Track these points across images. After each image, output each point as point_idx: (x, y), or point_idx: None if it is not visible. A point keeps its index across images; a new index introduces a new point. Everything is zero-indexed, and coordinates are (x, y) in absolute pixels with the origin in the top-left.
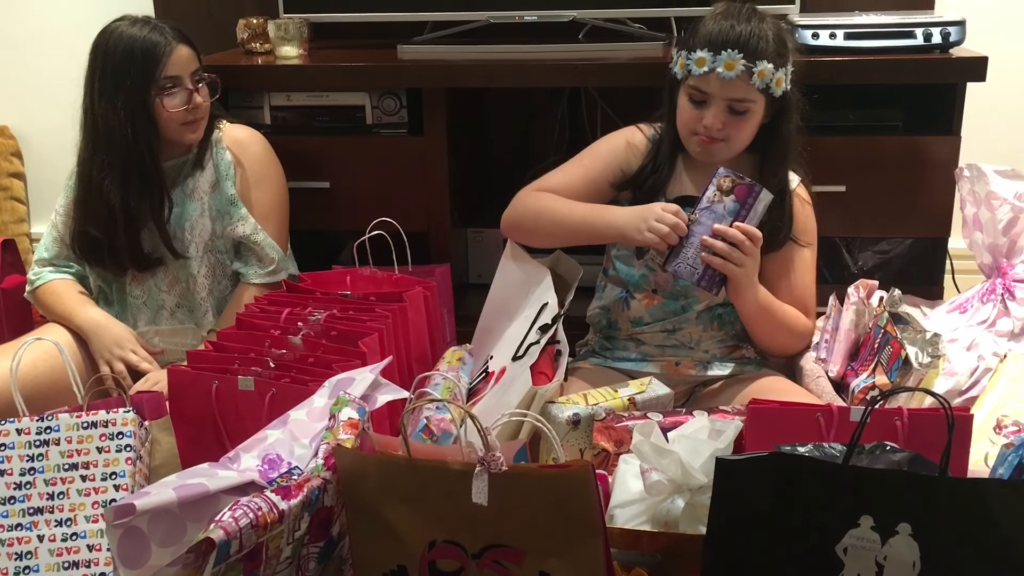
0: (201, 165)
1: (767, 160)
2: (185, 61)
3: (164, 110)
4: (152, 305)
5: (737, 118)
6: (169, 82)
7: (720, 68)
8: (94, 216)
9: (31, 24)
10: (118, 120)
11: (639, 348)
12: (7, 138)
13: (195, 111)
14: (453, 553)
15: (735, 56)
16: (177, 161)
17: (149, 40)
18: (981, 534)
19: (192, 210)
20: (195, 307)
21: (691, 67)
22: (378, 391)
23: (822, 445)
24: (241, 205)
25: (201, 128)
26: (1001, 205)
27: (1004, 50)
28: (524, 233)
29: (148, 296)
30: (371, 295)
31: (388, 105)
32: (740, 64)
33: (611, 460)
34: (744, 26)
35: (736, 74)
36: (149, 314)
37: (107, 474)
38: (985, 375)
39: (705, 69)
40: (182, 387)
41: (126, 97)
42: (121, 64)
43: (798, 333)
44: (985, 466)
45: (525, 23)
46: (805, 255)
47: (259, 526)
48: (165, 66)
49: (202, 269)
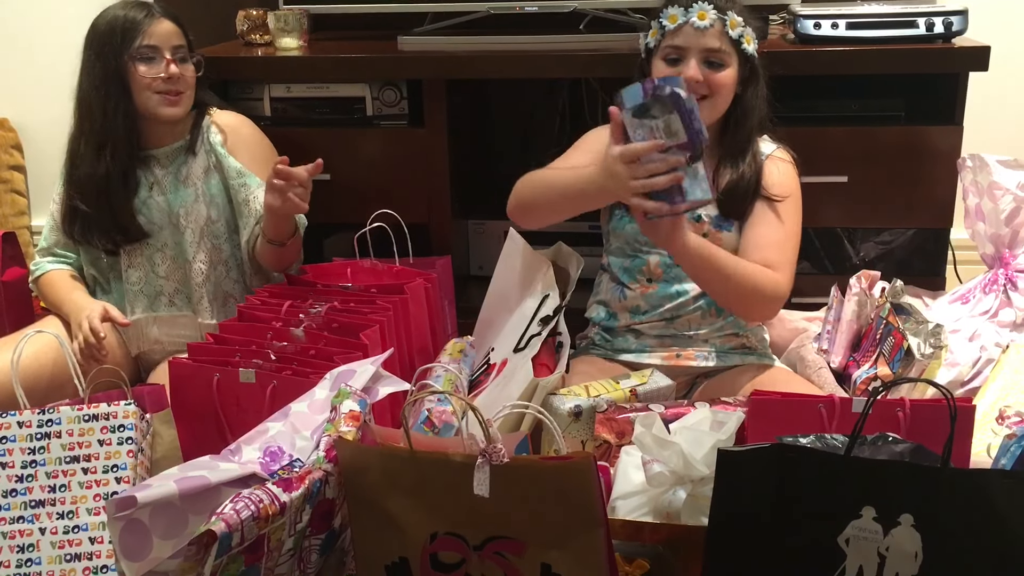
0: (193, 151)
1: (731, 124)
2: (166, 34)
3: (138, 76)
4: (149, 291)
5: (716, 73)
6: (147, 50)
7: (693, 18)
8: (80, 189)
9: (31, 17)
10: (95, 90)
11: (639, 339)
12: (7, 131)
13: (171, 82)
14: (455, 545)
15: (706, 7)
16: (170, 147)
17: (131, 15)
18: (983, 525)
19: (186, 196)
20: (191, 293)
21: (665, 25)
22: (379, 383)
23: (824, 436)
24: (254, 176)
25: (181, 104)
26: (1004, 195)
27: (1006, 39)
28: (526, 210)
29: (145, 282)
30: (372, 287)
31: (388, 96)
32: (712, 13)
33: (613, 451)
34: None
35: (710, 22)
36: (146, 301)
37: (108, 467)
38: (987, 366)
39: (679, 22)
40: (183, 379)
41: (103, 65)
42: (102, 37)
43: (761, 291)
44: (987, 457)
45: (526, 13)
46: (777, 208)
47: (261, 518)
48: (144, 35)
49: (199, 255)
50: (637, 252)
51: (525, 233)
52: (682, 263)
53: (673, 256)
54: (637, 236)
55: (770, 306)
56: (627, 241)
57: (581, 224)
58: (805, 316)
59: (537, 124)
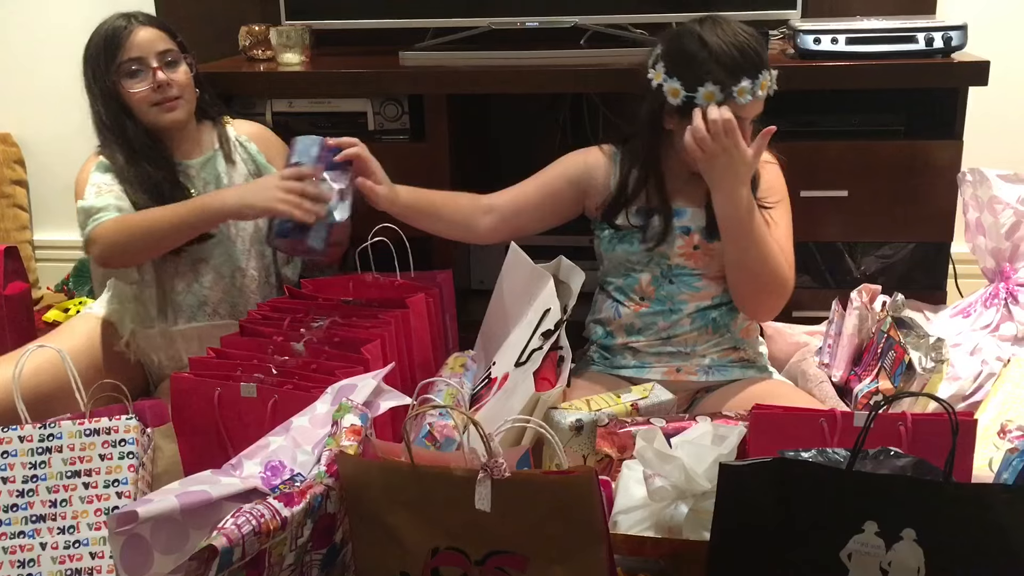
0: (231, 160)
1: None
2: (147, 42)
3: (128, 92)
4: (193, 301)
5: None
6: (132, 64)
7: (759, 91)
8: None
9: (33, 32)
10: (102, 108)
11: (636, 356)
12: (9, 145)
13: (162, 90)
14: (456, 560)
15: (768, 76)
16: (202, 159)
17: (113, 26)
18: (985, 539)
19: None
20: (237, 302)
21: (735, 98)
22: (381, 397)
23: (826, 450)
24: None
25: (179, 108)
26: (1004, 209)
27: (1006, 54)
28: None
29: (189, 291)
30: (373, 301)
31: (390, 111)
32: (770, 80)
33: (614, 466)
34: (752, 41)
35: (767, 91)
36: (189, 312)
37: (110, 481)
38: (989, 380)
39: (748, 98)
40: (185, 394)
41: (99, 86)
42: (93, 57)
43: (779, 276)
44: (989, 471)
45: (527, 29)
46: (775, 215)
47: (262, 533)
48: (125, 48)
49: (251, 263)
50: (629, 271)
51: (526, 247)
52: (727, 212)
53: (719, 203)
54: (628, 256)
55: (780, 297)
56: (619, 261)
57: (582, 238)
58: (806, 330)
59: (538, 139)
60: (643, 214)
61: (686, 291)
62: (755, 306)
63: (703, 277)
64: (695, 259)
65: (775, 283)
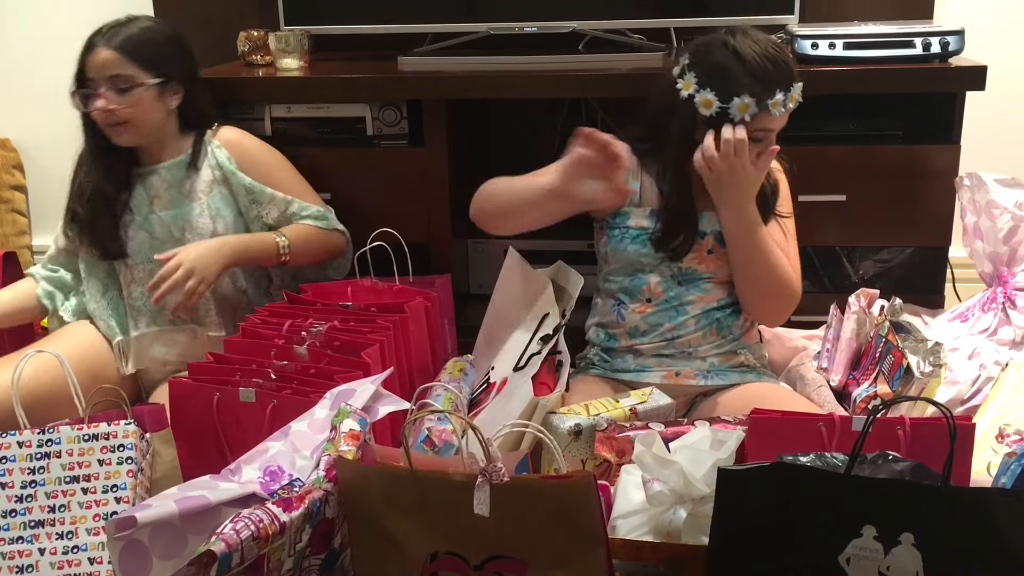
0: (196, 167)
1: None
2: (101, 64)
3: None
4: (151, 307)
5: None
6: (84, 84)
7: (790, 103)
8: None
9: (33, 37)
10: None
11: (638, 359)
12: (8, 151)
13: (106, 115)
14: (455, 565)
15: (798, 88)
16: (172, 161)
17: (88, 39)
18: (984, 543)
19: (190, 210)
20: (196, 306)
21: (769, 110)
22: (379, 402)
23: (824, 455)
24: (264, 187)
25: (125, 134)
26: (1001, 214)
27: (1003, 59)
28: (487, 216)
29: (147, 298)
30: (372, 306)
31: (389, 116)
32: (799, 92)
33: (613, 470)
34: (782, 53)
35: (798, 102)
36: (148, 316)
37: (108, 486)
38: (987, 384)
39: (781, 110)
40: (183, 399)
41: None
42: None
43: (788, 286)
44: (988, 475)
45: (525, 34)
46: (788, 225)
47: (260, 538)
48: (84, 67)
49: None
50: (637, 272)
51: (524, 252)
52: (732, 227)
53: (726, 217)
54: (639, 257)
55: (788, 303)
56: (628, 262)
57: (580, 243)
58: (804, 334)
59: (537, 144)
60: (656, 216)
61: (695, 293)
62: (762, 312)
63: (712, 280)
64: (707, 263)
65: (781, 291)
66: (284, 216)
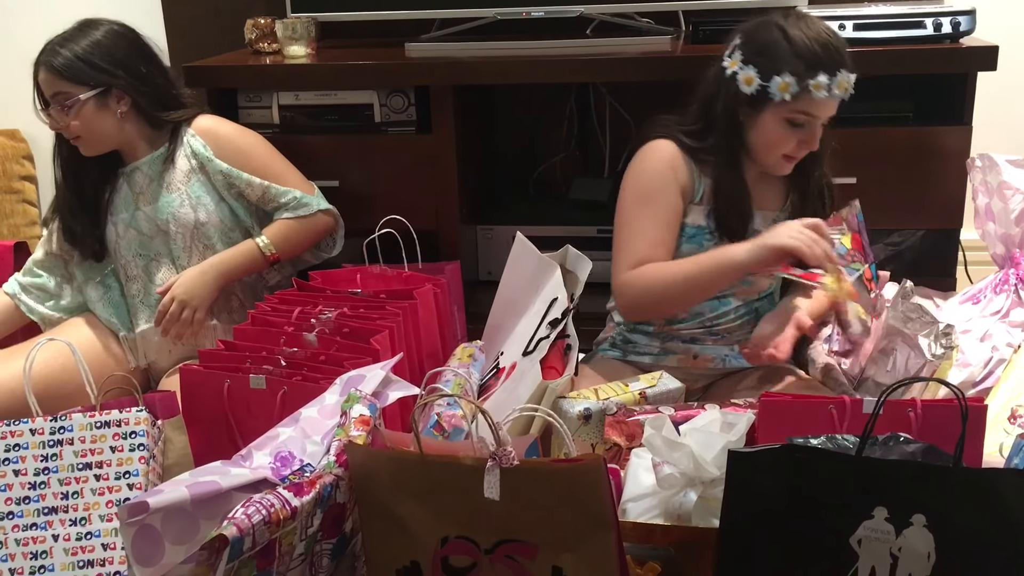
0: (172, 159)
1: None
2: (43, 84)
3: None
4: (150, 302)
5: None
6: (45, 102)
7: (836, 90)
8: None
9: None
10: None
11: (666, 343)
12: (18, 141)
13: (63, 131)
14: (466, 548)
15: (847, 77)
16: (149, 158)
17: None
18: (996, 524)
19: (171, 202)
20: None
21: (810, 91)
22: (389, 388)
23: (835, 437)
24: (240, 172)
25: (87, 146)
26: (1014, 195)
27: (1014, 39)
28: (651, 313)
29: (145, 293)
30: (381, 293)
31: (396, 103)
32: (848, 81)
33: (623, 454)
34: (835, 39)
35: (847, 91)
36: (148, 311)
37: (121, 473)
38: (999, 366)
39: (824, 94)
40: (194, 386)
41: None
42: None
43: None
44: (1000, 456)
45: (533, 19)
46: None
47: (272, 523)
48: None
49: (192, 259)
50: None
51: (533, 237)
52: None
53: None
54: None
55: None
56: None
57: (590, 228)
58: None
59: (545, 129)
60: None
61: (740, 286)
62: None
63: (756, 274)
64: None
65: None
66: (264, 199)
